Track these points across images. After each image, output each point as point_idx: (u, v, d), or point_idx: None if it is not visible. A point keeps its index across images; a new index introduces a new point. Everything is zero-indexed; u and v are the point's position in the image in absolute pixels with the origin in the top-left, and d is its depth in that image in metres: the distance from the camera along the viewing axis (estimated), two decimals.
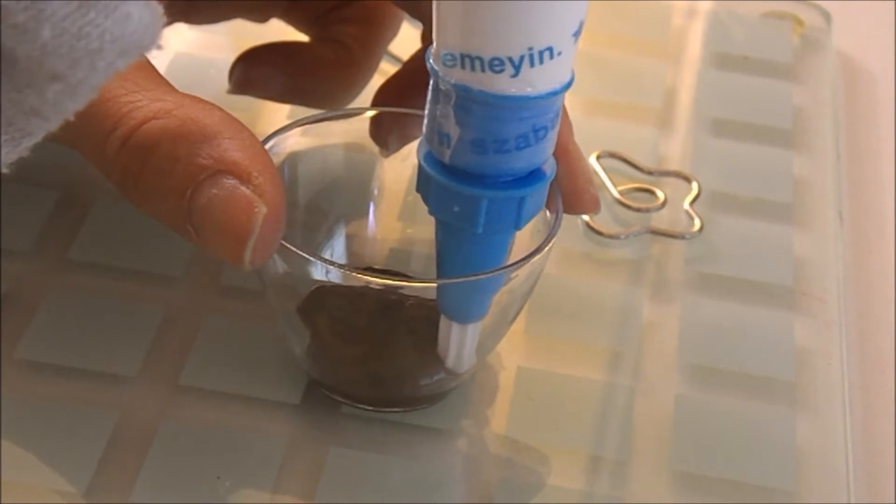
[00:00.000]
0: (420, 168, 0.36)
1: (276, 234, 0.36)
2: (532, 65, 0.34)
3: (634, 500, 0.40)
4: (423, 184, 0.36)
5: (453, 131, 0.35)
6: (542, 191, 0.37)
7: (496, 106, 0.34)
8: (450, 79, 0.34)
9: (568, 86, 0.35)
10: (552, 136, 0.36)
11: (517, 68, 0.34)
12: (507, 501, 0.40)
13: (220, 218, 0.35)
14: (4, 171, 0.31)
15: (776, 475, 0.41)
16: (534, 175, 0.36)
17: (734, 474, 0.41)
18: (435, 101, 0.35)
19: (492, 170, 0.35)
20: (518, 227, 0.37)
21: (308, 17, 0.48)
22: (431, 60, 0.35)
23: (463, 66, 0.34)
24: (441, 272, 0.38)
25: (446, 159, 0.35)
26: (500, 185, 0.35)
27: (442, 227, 0.37)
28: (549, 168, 0.37)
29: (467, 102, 0.34)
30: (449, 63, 0.34)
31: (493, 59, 0.33)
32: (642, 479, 0.41)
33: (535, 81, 0.34)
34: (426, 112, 0.36)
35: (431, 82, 0.35)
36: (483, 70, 0.34)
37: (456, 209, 0.36)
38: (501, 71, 0.34)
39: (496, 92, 0.34)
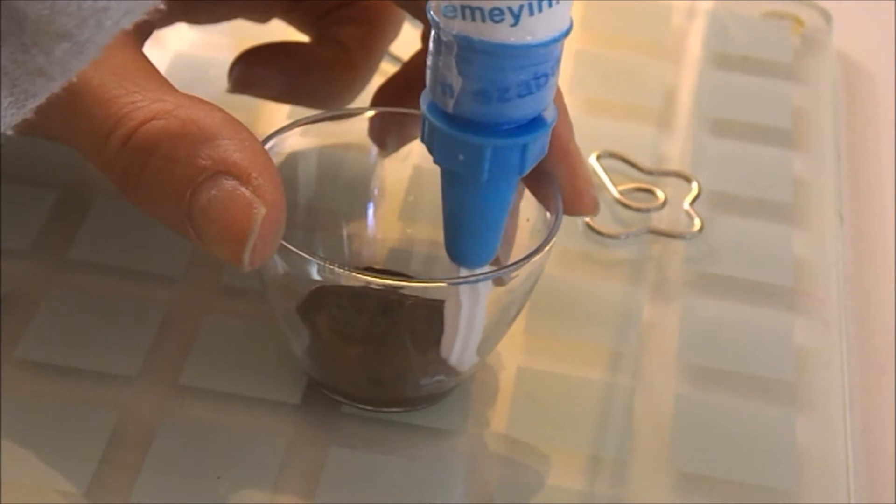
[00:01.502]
0: (424, 119, 0.37)
1: (275, 234, 0.36)
2: (531, 13, 0.34)
3: (634, 500, 0.40)
4: (428, 134, 0.37)
5: (456, 82, 0.35)
6: (544, 137, 0.37)
7: (498, 55, 0.35)
8: (451, 30, 0.35)
9: (567, 33, 0.36)
10: (553, 83, 0.36)
11: (517, 17, 0.34)
12: (507, 501, 0.40)
13: (220, 219, 0.35)
14: (9, 132, 0.31)
15: (776, 475, 0.41)
16: (536, 122, 0.37)
17: (734, 474, 0.41)
18: (437, 52, 0.36)
19: (495, 118, 0.36)
20: (522, 172, 0.37)
21: (309, 18, 0.48)
22: (432, 12, 0.35)
23: (463, 17, 0.34)
24: (447, 220, 0.38)
25: (450, 109, 0.36)
26: (503, 132, 0.36)
27: (447, 176, 0.38)
28: (550, 115, 0.37)
29: (469, 53, 0.35)
30: (449, 14, 0.35)
31: (493, 8, 0.34)
32: (642, 479, 0.41)
33: (535, 30, 0.35)
34: (428, 63, 0.36)
35: (433, 34, 0.36)
36: (483, 20, 0.34)
37: (461, 157, 0.36)
38: (501, 20, 0.34)
39: (497, 41, 0.34)
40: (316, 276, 0.38)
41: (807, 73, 0.57)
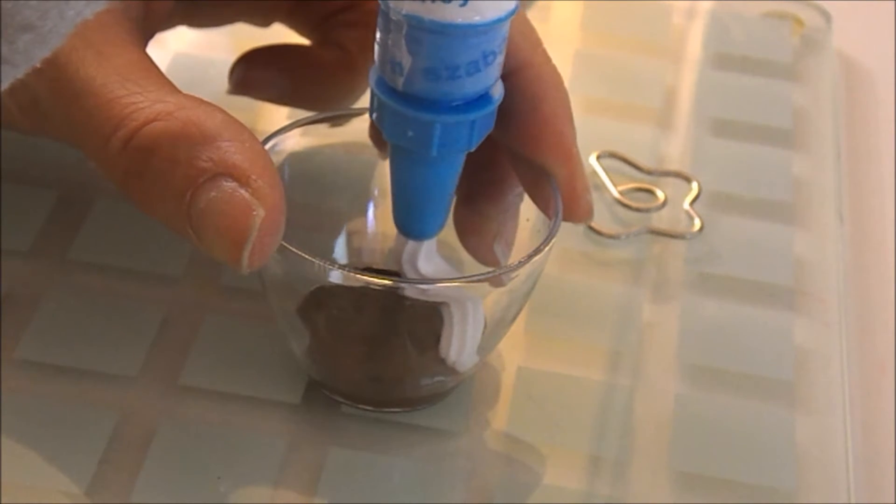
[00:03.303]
0: (373, 95, 0.37)
1: (274, 237, 0.36)
2: None
3: (634, 500, 0.40)
4: (377, 110, 0.38)
5: (405, 60, 0.36)
6: (491, 113, 0.38)
7: (447, 34, 0.35)
8: (400, 10, 0.35)
9: (513, 12, 0.36)
10: (500, 61, 0.37)
11: None
12: (507, 501, 0.40)
13: (219, 221, 0.35)
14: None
15: (776, 475, 0.41)
16: (483, 99, 0.37)
17: (734, 474, 0.41)
18: (386, 30, 0.36)
19: (444, 95, 0.36)
20: (470, 148, 0.38)
21: (310, 22, 0.48)
22: None
23: None
24: (396, 194, 0.39)
25: (399, 87, 0.37)
26: (451, 109, 0.37)
27: (396, 152, 0.38)
28: (498, 91, 0.38)
29: (418, 32, 0.35)
30: None
31: None
32: (642, 479, 0.41)
33: (483, 9, 0.35)
34: (377, 40, 0.37)
35: (381, 11, 0.36)
36: (433, 0, 0.35)
37: (410, 134, 0.37)
38: (450, 0, 0.35)
39: (446, 21, 0.35)
40: (316, 276, 0.38)
41: (807, 73, 0.57)
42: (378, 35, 0.37)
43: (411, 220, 0.40)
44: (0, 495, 0.38)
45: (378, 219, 0.45)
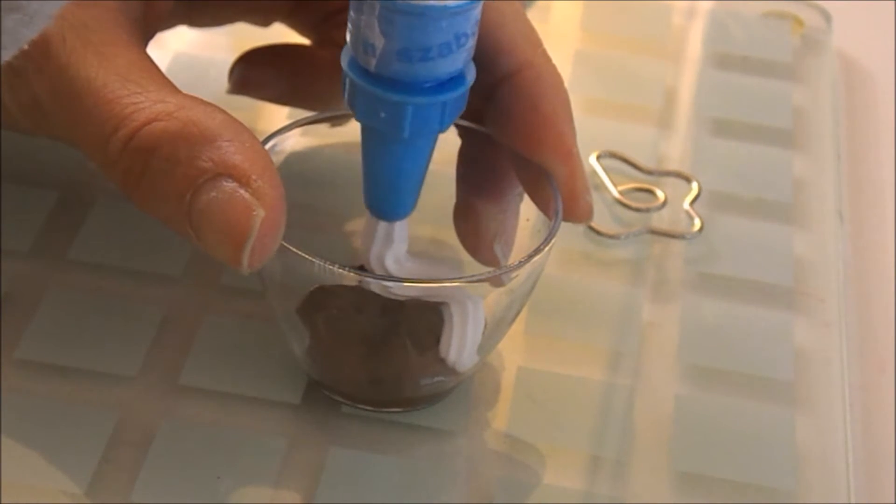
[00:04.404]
0: (345, 76, 0.37)
1: (274, 237, 0.36)
2: None
3: (634, 500, 0.40)
4: (349, 91, 0.38)
5: (378, 41, 0.36)
6: (463, 95, 0.38)
7: (420, 16, 0.35)
8: None
9: None
10: (473, 43, 0.37)
11: None
12: (507, 501, 0.40)
13: (219, 221, 0.35)
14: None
15: (776, 475, 0.41)
16: (455, 80, 0.37)
17: (734, 474, 0.41)
18: (358, 11, 0.36)
19: (416, 77, 0.36)
20: (441, 129, 0.38)
21: (310, 21, 0.48)
22: None
23: None
24: (367, 176, 0.39)
25: (372, 68, 0.37)
26: (424, 90, 0.37)
27: (368, 133, 0.38)
28: (470, 73, 0.38)
29: (391, 13, 0.35)
30: None
31: None
32: (642, 479, 0.41)
33: None
34: (349, 20, 0.37)
35: None
36: None
37: (382, 115, 0.37)
38: None
39: (419, 2, 0.35)
40: (316, 276, 0.38)
41: (807, 73, 0.57)
42: (351, 16, 0.37)
43: (383, 202, 0.39)
44: (0, 495, 0.38)
45: None
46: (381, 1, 0.35)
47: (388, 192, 0.39)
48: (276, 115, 0.51)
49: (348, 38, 0.37)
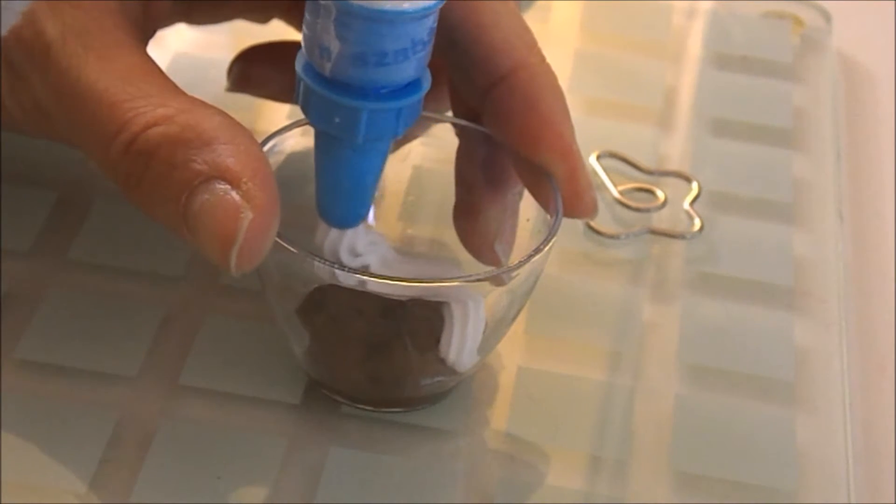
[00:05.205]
0: (299, 80, 0.37)
1: (263, 240, 0.36)
2: None
3: (634, 500, 0.40)
4: (303, 96, 0.37)
5: (333, 45, 0.36)
6: (419, 101, 0.38)
7: (376, 21, 0.35)
8: None
9: (442, 1, 0.36)
10: (429, 50, 0.37)
11: None
12: (507, 501, 0.40)
13: (210, 223, 0.35)
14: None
15: (776, 475, 0.41)
16: (411, 86, 0.37)
17: (734, 474, 0.41)
18: (315, 14, 0.36)
19: (371, 82, 0.36)
20: (396, 135, 0.38)
21: None
22: None
23: None
24: (320, 182, 0.39)
25: (327, 72, 0.36)
26: (379, 96, 0.37)
27: (322, 138, 0.38)
28: (426, 80, 0.38)
29: (347, 18, 0.35)
30: None
31: None
32: (642, 479, 0.41)
33: None
34: (304, 24, 0.36)
35: None
36: None
37: (337, 120, 0.37)
38: None
39: (375, 7, 0.35)
40: (315, 277, 0.38)
41: (807, 73, 0.57)
42: (306, 19, 0.36)
43: (334, 207, 0.39)
44: (0, 495, 0.38)
45: (377, 219, 0.45)
46: (338, 5, 0.35)
47: (339, 199, 0.39)
48: (275, 114, 0.51)
49: (303, 41, 0.37)
